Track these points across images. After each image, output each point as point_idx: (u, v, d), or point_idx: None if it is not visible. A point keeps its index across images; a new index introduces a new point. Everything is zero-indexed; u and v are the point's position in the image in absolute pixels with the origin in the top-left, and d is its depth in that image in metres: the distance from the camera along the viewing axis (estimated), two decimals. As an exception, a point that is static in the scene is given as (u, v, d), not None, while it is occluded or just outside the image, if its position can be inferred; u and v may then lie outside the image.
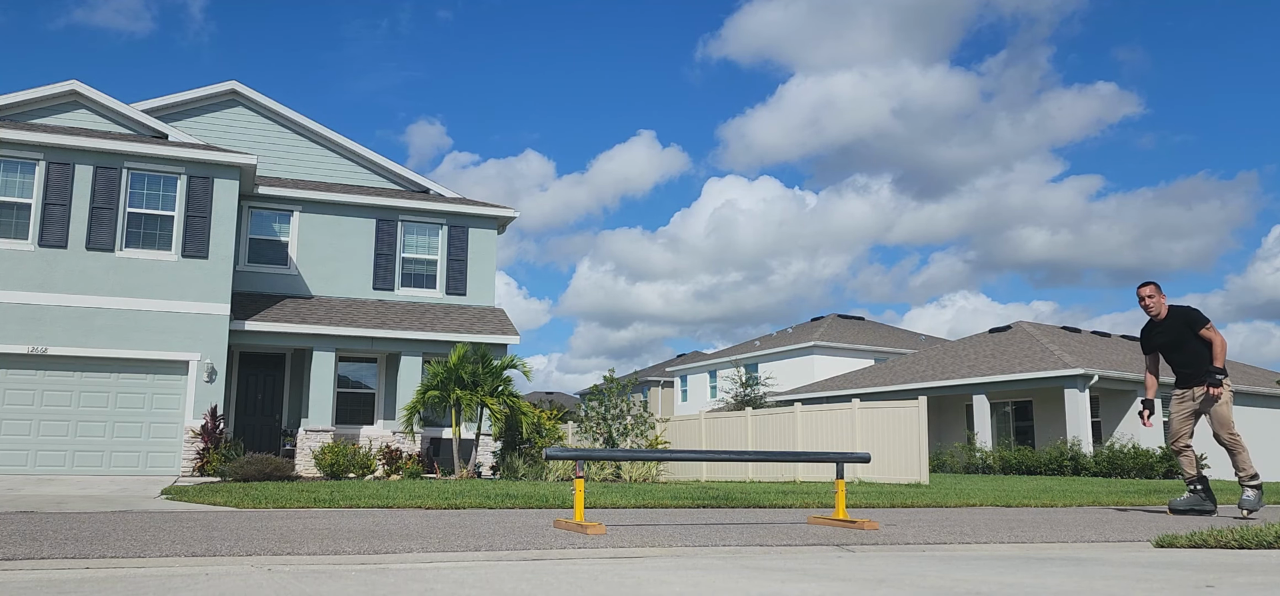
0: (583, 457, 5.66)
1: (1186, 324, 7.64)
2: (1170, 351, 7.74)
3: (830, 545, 4.43)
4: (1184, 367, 7.69)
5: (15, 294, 16.19)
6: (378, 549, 3.54)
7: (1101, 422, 26.93)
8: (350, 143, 21.38)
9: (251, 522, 5.41)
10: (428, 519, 6.04)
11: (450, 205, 21.11)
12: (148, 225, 17.20)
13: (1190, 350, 7.60)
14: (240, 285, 18.84)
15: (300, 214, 19.93)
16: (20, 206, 16.55)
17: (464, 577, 2.08)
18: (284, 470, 13.80)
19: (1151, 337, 7.93)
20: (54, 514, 6.14)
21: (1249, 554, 2.86)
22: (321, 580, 2.02)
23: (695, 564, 2.52)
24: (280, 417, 19.63)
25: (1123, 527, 6.18)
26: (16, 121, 17.04)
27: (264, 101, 20.82)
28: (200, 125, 19.92)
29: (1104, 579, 1.85)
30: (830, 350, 42.73)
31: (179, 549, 3.46)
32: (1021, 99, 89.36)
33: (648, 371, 55.45)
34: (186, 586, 1.87)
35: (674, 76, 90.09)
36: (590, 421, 19.50)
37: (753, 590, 1.57)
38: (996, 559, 2.85)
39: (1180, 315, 7.73)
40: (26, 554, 3.23)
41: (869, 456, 6.63)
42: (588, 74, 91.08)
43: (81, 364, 16.51)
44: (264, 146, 20.33)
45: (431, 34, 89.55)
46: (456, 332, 19.17)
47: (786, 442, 20.08)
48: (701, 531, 5.08)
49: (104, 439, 16.49)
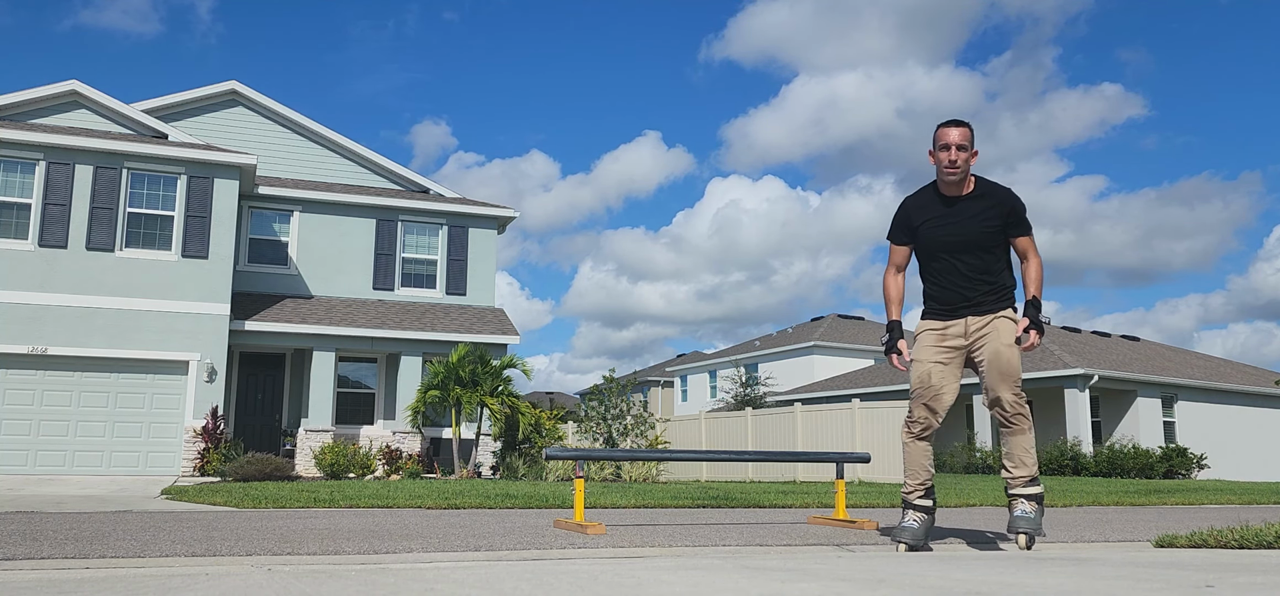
0: (583, 457, 5.66)
1: (1003, 213, 4.66)
2: (958, 252, 4.69)
3: (830, 545, 4.43)
4: (970, 284, 4.68)
5: (15, 294, 16.19)
6: (378, 549, 3.54)
7: (1101, 422, 26.93)
8: (350, 142, 21.39)
9: (251, 522, 5.41)
10: (428, 519, 6.04)
11: (450, 205, 21.11)
12: (148, 225, 17.20)
13: (992, 256, 4.70)
14: (240, 285, 18.85)
15: (300, 214, 19.93)
16: (20, 206, 16.55)
17: (464, 577, 2.07)
18: (284, 470, 13.80)
19: (931, 223, 4.74)
20: (54, 514, 6.14)
21: (1249, 554, 2.86)
22: (321, 580, 2.02)
23: (695, 564, 2.52)
24: (280, 417, 19.62)
25: (1123, 527, 6.18)
26: (17, 121, 17.03)
27: (264, 101, 20.82)
28: (200, 125, 19.92)
29: (1104, 579, 1.85)
30: (830, 350, 42.72)
31: (179, 549, 3.45)
32: (1026, 99, 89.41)
33: (648, 371, 55.44)
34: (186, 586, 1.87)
35: (677, 77, 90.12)
36: (590, 421, 19.50)
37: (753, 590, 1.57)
38: (996, 558, 2.85)
39: (996, 197, 4.70)
40: (26, 554, 3.23)
41: (869, 456, 6.63)
42: (593, 75, 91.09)
43: (81, 364, 16.51)
44: (264, 146, 20.33)
45: (437, 35, 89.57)
46: (456, 332, 19.17)
47: (786, 442, 20.08)
48: (701, 531, 5.08)
49: (104, 439, 16.49)
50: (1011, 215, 4.67)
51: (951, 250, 4.71)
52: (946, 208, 4.73)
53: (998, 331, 4.63)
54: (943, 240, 4.72)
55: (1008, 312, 4.69)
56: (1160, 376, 27.19)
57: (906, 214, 4.86)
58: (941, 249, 4.73)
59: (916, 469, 4.72)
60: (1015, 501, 4.60)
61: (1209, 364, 32.92)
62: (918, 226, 4.80)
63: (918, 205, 4.83)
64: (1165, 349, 34.68)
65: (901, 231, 4.86)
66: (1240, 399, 29.18)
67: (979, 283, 4.69)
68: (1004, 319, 4.66)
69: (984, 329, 4.66)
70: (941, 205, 4.75)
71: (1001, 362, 4.56)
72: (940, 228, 4.72)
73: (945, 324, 4.72)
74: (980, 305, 4.70)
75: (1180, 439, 26.04)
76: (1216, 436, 26.71)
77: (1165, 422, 26.84)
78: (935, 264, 4.77)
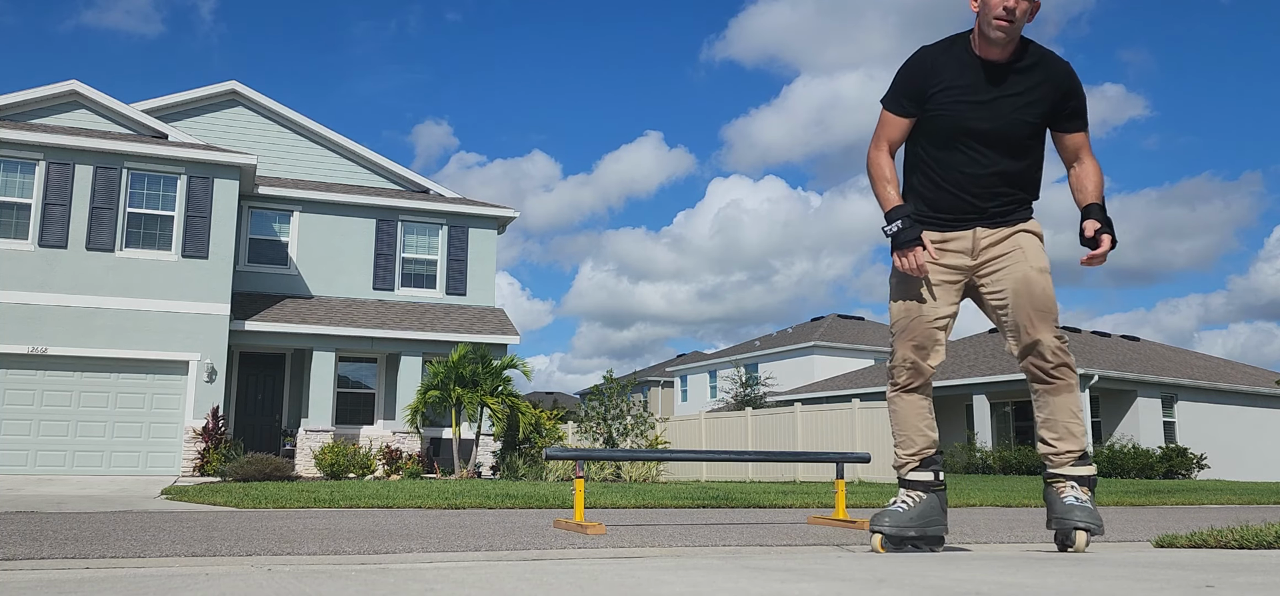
0: (583, 457, 5.66)
1: (1059, 95, 3.38)
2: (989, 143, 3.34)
3: (830, 545, 4.43)
4: (989, 190, 3.40)
5: (15, 294, 16.20)
6: (378, 549, 3.54)
7: (1101, 423, 26.93)
8: (350, 143, 21.39)
9: (251, 522, 5.41)
10: (428, 519, 6.04)
11: (450, 205, 21.11)
12: (148, 225, 17.20)
13: (1030, 157, 3.41)
14: (240, 285, 18.85)
15: (300, 214, 19.93)
16: (20, 206, 16.55)
17: (464, 577, 2.07)
18: (284, 470, 13.80)
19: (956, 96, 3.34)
20: (54, 514, 6.14)
21: (1249, 554, 2.86)
22: (321, 580, 2.02)
23: (695, 564, 2.52)
24: (280, 417, 19.63)
25: (1123, 528, 6.18)
26: (17, 121, 17.04)
27: (264, 101, 20.82)
28: (200, 125, 19.92)
29: (1104, 579, 1.85)
30: (830, 350, 42.72)
31: (179, 549, 3.45)
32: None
33: (648, 371, 55.45)
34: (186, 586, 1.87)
35: (679, 77, 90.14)
36: (590, 421, 19.50)
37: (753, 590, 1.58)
38: (996, 559, 2.85)
39: (1052, 71, 3.40)
40: (26, 554, 3.23)
41: (869, 456, 6.63)
42: (594, 75, 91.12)
43: (81, 364, 16.51)
44: (264, 146, 20.33)
45: (439, 35, 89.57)
46: (456, 332, 19.17)
47: (786, 442, 20.08)
48: (701, 531, 5.08)
49: (104, 439, 16.49)
50: (1069, 98, 3.38)
51: (980, 140, 3.32)
52: (983, 78, 3.32)
53: (1023, 251, 3.35)
54: (969, 123, 3.31)
55: (1032, 224, 3.44)
56: (1160, 376, 27.19)
57: (922, 73, 3.38)
58: (965, 136, 3.33)
59: (910, 431, 3.49)
60: (1060, 486, 3.34)
61: (1209, 364, 32.92)
62: (935, 93, 3.35)
63: (940, 64, 3.37)
64: (1165, 349, 34.69)
65: (908, 98, 3.40)
66: (1240, 399, 29.17)
67: (1002, 190, 3.38)
68: (1027, 234, 3.40)
69: (1000, 247, 3.39)
70: (976, 72, 3.33)
71: (1035, 292, 3.28)
72: (969, 105, 3.30)
73: (943, 236, 3.44)
74: (996, 216, 3.40)
75: (1180, 439, 26.04)
76: (1216, 436, 26.70)
77: (1165, 423, 26.83)
78: (947, 155, 3.38)
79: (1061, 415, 3.38)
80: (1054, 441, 3.41)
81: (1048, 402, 3.41)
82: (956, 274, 3.47)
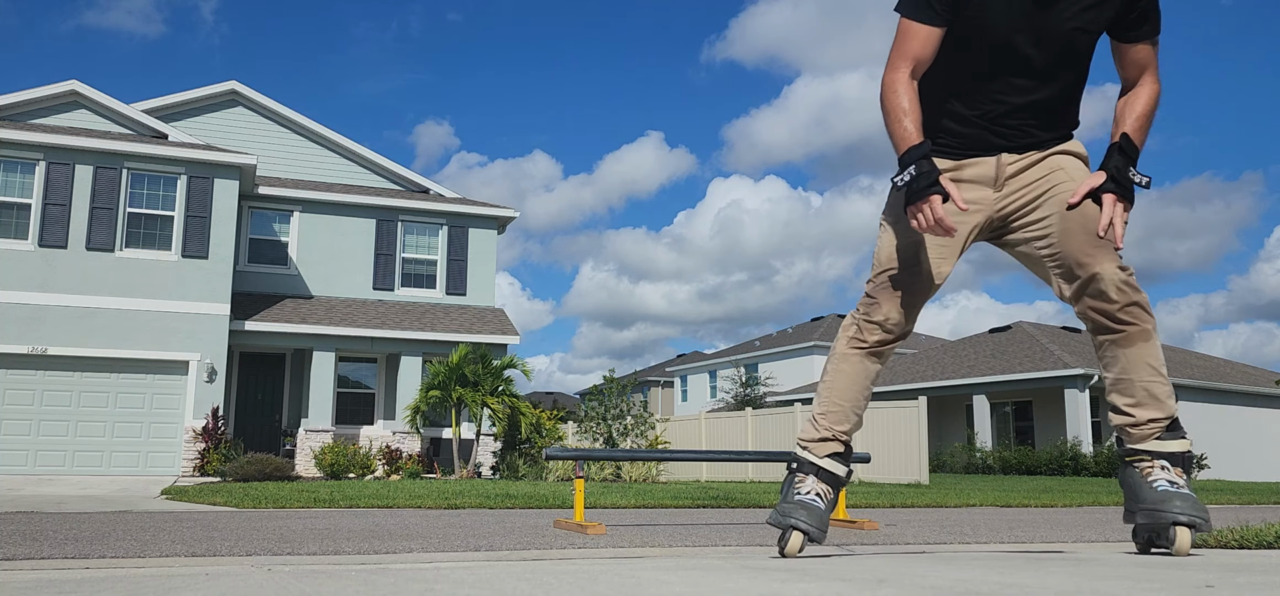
0: (583, 457, 5.66)
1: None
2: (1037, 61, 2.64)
3: (830, 545, 4.43)
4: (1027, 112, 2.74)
5: (15, 294, 16.20)
6: (378, 549, 3.54)
7: (1101, 423, 26.93)
8: (350, 143, 21.40)
9: (251, 522, 5.41)
10: (428, 519, 6.04)
11: (450, 205, 21.11)
12: (148, 225, 17.21)
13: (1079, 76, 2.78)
14: (240, 285, 18.85)
15: (300, 214, 19.93)
16: (20, 206, 16.55)
17: (464, 577, 2.08)
18: (284, 470, 13.80)
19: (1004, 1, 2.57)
20: (54, 514, 6.14)
21: (1249, 554, 2.86)
22: (321, 580, 2.02)
23: (695, 564, 2.52)
24: (280, 417, 19.62)
25: (1123, 527, 6.18)
26: (17, 121, 17.04)
27: (264, 101, 20.82)
28: (200, 125, 19.93)
29: (1104, 579, 1.85)
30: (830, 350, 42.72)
31: (179, 549, 3.45)
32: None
33: (648, 371, 55.44)
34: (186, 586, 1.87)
35: (679, 77, 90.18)
36: (590, 421, 19.50)
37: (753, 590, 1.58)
38: (996, 559, 2.85)
39: None
40: (26, 554, 3.23)
41: (869, 456, 6.63)
42: (595, 75, 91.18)
43: (81, 364, 16.51)
44: (264, 146, 20.33)
45: (441, 36, 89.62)
46: (456, 333, 19.17)
47: (786, 443, 20.07)
48: (701, 531, 5.08)
49: (104, 439, 16.49)
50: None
51: (1023, 60, 2.60)
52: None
53: (1066, 171, 2.69)
54: (1014, 35, 2.57)
55: (1072, 145, 2.79)
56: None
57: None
58: (1008, 53, 2.60)
59: (849, 402, 2.81)
60: (1145, 466, 2.59)
61: (1209, 364, 32.92)
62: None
63: None
64: (1165, 349, 34.63)
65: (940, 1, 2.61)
66: (1240, 399, 29.16)
67: (1041, 113, 2.70)
68: (1067, 155, 2.75)
69: (1034, 172, 2.71)
70: None
71: (1088, 216, 2.58)
72: (1021, 13, 2.55)
73: (958, 164, 2.73)
74: (1028, 139, 2.71)
75: (1180, 439, 25.98)
76: (1216, 436, 26.70)
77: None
78: (976, 79, 2.67)
79: (1138, 372, 2.56)
80: (1130, 408, 2.60)
81: (1118, 357, 2.60)
82: (971, 211, 2.69)
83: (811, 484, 2.79)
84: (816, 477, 2.80)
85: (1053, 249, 2.67)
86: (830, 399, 2.84)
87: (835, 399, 2.83)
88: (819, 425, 2.85)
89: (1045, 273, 2.73)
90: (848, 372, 2.83)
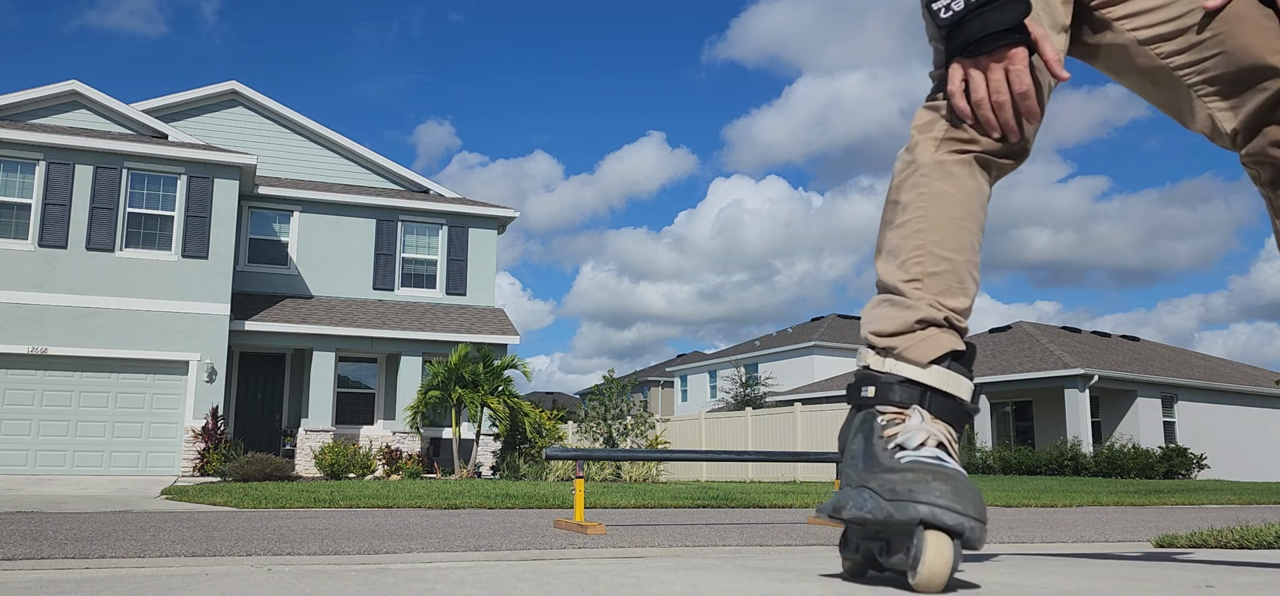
0: (583, 457, 5.66)
1: None
2: None
3: (830, 545, 4.43)
4: None
5: (15, 294, 16.20)
6: (378, 549, 3.54)
7: (1101, 422, 26.93)
8: (350, 143, 21.40)
9: (251, 522, 5.41)
10: (428, 519, 6.04)
11: (450, 205, 21.11)
12: (148, 225, 17.21)
13: None
14: (240, 285, 18.85)
15: (300, 214, 19.93)
16: (20, 206, 16.55)
17: (464, 577, 2.07)
18: (284, 470, 13.80)
19: None
20: (54, 514, 6.14)
21: (1249, 554, 2.86)
22: (321, 580, 2.02)
23: (695, 564, 2.52)
24: (280, 417, 19.63)
25: (1123, 527, 6.18)
26: (17, 121, 17.04)
27: (264, 101, 20.82)
28: (200, 125, 19.93)
29: (1104, 579, 1.85)
30: (830, 350, 42.72)
31: (179, 549, 3.46)
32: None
33: (648, 371, 55.44)
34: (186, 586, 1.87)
35: (680, 77, 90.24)
36: (590, 421, 19.50)
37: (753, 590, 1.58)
38: (996, 558, 2.85)
39: None
40: (26, 554, 3.23)
41: (869, 456, 6.62)
42: (597, 75, 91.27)
43: (81, 364, 16.51)
44: (264, 146, 20.34)
45: (442, 36, 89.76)
46: (457, 333, 19.17)
47: (786, 442, 20.07)
48: (701, 531, 5.08)
49: (104, 439, 16.49)
50: None
51: None
52: None
53: None
54: None
55: None
56: (1160, 376, 27.19)
57: None
58: None
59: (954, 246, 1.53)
60: None
61: (1209, 364, 32.92)
62: None
63: None
64: (1165, 349, 34.68)
65: None
66: (1240, 399, 29.16)
67: None
68: None
69: None
70: None
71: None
72: None
73: None
74: None
75: (1180, 439, 26.03)
76: (1217, 436, 26.70)
77: (1165, 422, 26.83)
78: None
79: None
80: None
81: None
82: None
83: (921, 425, 1.43)
84: (926, 410, 1.45)
85: (1201, 54, 1.56)
86: (926, 246, 1.51)
87: (935, 245, 1.51)
88: (912, 300, 1.48)
89: (1179, 97, 1.62)
90: (952, 196, 1.52)
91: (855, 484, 1.47)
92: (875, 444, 1.47)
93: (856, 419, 1.55)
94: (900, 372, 1.48)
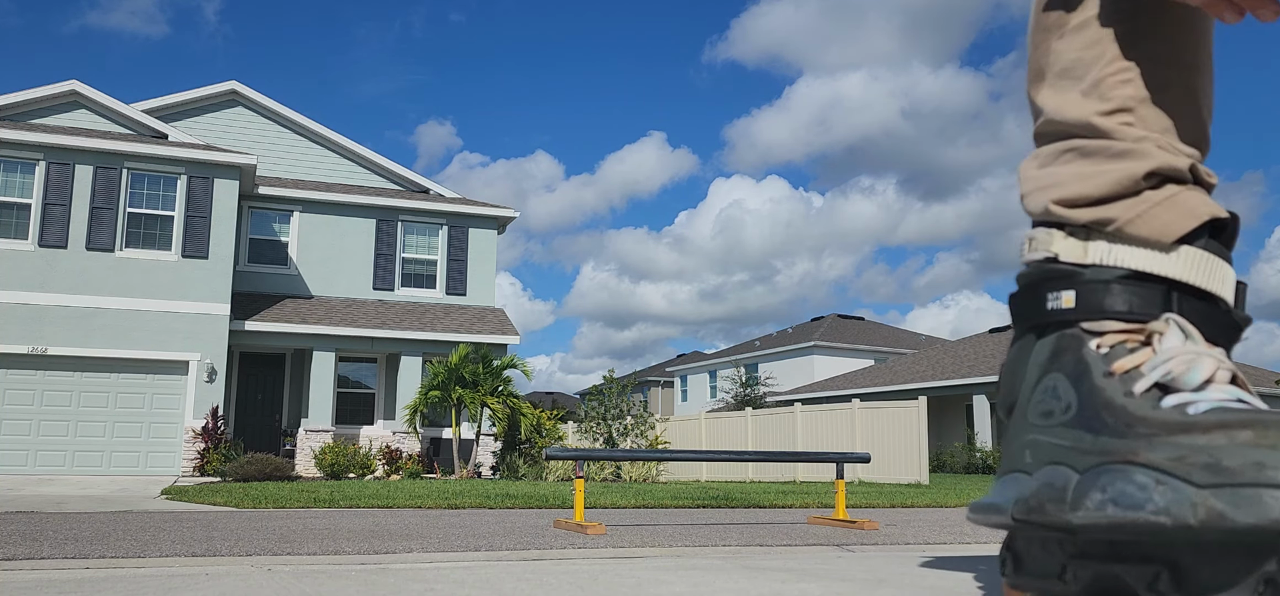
0: (583, 457, 5.66)
1: None
2: None
3: (830, 545, 4.43)
4: None
5: (15, 294, 16.20)
6: (378, 549, 3.54)
7: (1102, 423, 26.92)
8: (350, 143, 21.40)
9: (251, 522, 5.41)
10: (428, 519, 6.04)
11: (450, 205, 21.11)
12: (148, 225, 17.21)
13: None
14: (240, 285, 18.85)
15: (300, 214, 19.93)
16: (20, 206, 16.55)
17: (464, 577, 2.08)
18: (284, 470, 13.80)
19: None
20: (54, 514, 6.14)
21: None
22: (321, 580, 2.02)
23: (695, 564, 2.52)
24: (280, 417, 19.63)
25: (1123, 527, 6.17)
26: (17, 121, 17.04)
27: (264, 102, 20.82)
28: (201, 125, 19.93)
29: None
30: (830, 350, 42.72)
31: (179, 549, 3.45)
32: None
33: (648, 371, 55.46)
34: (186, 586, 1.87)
35: (681, 78, 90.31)
36: (590, 421, 19.50)
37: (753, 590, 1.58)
38: (995, 558, 2.85)
39: None
40: (26, 554, 3.23)
41: (869, 456, 6.62)
42: (597, 76, 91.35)
43: (81, 364, 16.51)
44: (264, 146, 20.34)
45: (443, 36, 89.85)
46: (457, 333, 19.17)
47: (786, 442, 20.07)
48: (701, 531, 5.08)
49: (104, 439, 16.49)
50: None
51: None
52: None
53: None
54: None
55: None
56: None
57: None
58: None
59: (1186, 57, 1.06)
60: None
61: (1209, 364, 32.89)
62: None
63: None
64: (1165, 349, 34.65)
65: None
66: (1240, 399, 29.13)
67: None
68: None
69: None
70: None
71: None
72: None
73: None
74: None
75: (1180, 439, 25.99)
76: (1216, 436, 26.65)
77: None
78: None
79: None
80: None
81: None
82: None
83: (1191, 348, 1.02)
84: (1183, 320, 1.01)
85: None
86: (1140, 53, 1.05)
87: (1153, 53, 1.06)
88: (1127, 142, 1.01)
89: None
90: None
91: (1079, 455, 0.86)
92: (1105, 385, 0.90)
93: (1041, 347, 0.99)
94: (1126, 262, 0.95)
